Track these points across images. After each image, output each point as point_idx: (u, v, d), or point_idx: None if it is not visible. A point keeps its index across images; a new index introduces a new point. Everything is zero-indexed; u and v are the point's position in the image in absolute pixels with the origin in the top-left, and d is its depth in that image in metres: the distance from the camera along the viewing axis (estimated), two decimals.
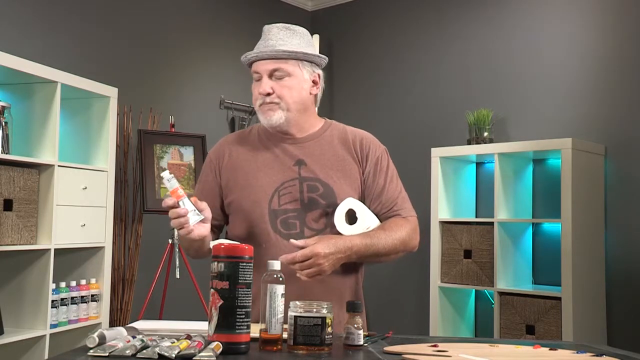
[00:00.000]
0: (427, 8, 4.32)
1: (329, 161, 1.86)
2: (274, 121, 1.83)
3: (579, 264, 3.20)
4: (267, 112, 1.83)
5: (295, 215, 1.81)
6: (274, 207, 1.82)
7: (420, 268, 4.01)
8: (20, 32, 3.24)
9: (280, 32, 1.83)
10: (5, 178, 2.68)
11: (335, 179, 1.84)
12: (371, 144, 1.92)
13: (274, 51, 1.80)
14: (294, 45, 1.82)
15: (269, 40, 1.82)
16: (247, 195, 1.85)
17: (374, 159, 1.89)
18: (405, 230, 1.84)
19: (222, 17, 4.33)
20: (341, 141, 1.91)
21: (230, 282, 1.32)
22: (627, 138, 3.45)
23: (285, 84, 1.82)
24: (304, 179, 1.83)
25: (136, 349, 1.27)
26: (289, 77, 1.82)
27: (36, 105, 2.91)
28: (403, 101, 4.37)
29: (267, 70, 1.81)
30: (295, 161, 1.86)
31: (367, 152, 1.90)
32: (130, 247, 3.64)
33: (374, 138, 1.97)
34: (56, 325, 2.87)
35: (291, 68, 1.82)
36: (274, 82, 1.82)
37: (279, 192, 1.83)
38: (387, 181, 1.89)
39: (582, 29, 3.65)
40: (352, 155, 1.89)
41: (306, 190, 1.82)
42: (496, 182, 3.45)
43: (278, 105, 1.82)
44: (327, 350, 1.36)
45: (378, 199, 1.87)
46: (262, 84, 1.82)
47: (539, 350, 1.46)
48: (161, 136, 3.67)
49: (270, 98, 1.81)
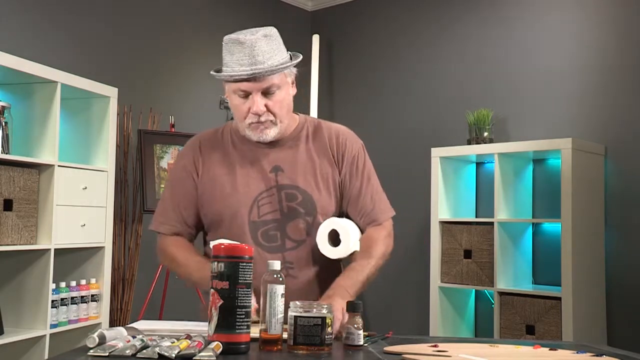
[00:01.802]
0: (427, 8, 4.32)
1: (305, 166, 1.81)
2: (269, 138, 1.77)
3: (579, 264, 3.20)
4: (261, 131, 1.75)
5: (275, 226, 1.77)
6: (253, 219, 1.77)
7: (420, 268, 4.01)
8: (20, 32, 3.24)
9: (263, 43, 1.69)
10: (5, 178, 2.68)
11: (313, 186, 1.79)
12: (347, 141, 1.86)
13: (268, 70, 1.68)
14: (275, 53, 1.72)
15: (257, 57, 1.68)
16: (226, 207, 1.78)
17: (350, 159, 1.84)
18: (384, 243, 1.82)
19: (222, 17, 4.33)
20: (317, 141, 1.84)
21: (230, 282, 1.32)
22: (627, 138, 3.45)
23: (277, 98, 1.74)
24: (282, 187, 1.78)
25: (136, 349, 1.27)
26: (278, 90, 1.74)
27: (36, 105, 2.91)
28: (403, 101, 4.37)
29: (259, 89, 1.71)
30: (272, 168, 1.80)
31: (344, 150, 1.84)
32: (130, 247, 3.64)
33: (350, 133, 1.90)
34: (56, 325, 2.87)
35: (279, 81, 1.73)
36: (266, 98, 1.72)
37: (258, 202, 1.78)
38: (363, 183, 1.84)
39: (582, 29, 3.65)
40: (327, 155, 1.83)
41: (285, 199, 1.78)
42: (496, 182, 3.45)
43: (272, 122, 1.74)
44: (327, 350, 1.36)
45: (355, 203, 1.84)
46: (256, 103, 1.71)
47: (539, 350, 1.46)
48: (161, 136, 3.67)
49: (265, 116, 1.73)
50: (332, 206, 1.83)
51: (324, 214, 1.80)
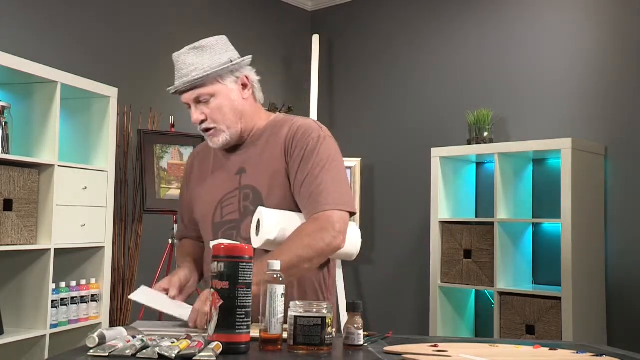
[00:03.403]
0: (427, 8, 4.32)
1: (264, 164, 1.81)
2: (221, 144, 1.84)
3: (579, 264, 3.20)
4: (211, 139, 1.84)
5: (233, 226, 1.82)
6: (216, 221, 1.85)
7: (420, 268, 4.01)
8: (20, 32, 3.24)
9: (188, 57, 1.79)
10: (5, 178, 2.68)
11: (263, 183, 1.79)
12: (301, 134, 1.79)
13: (188, 82, 1.77)
14: (205, 64, 1.77)
15: (181, 70, 1.79)
16: (198, 212, 1.93)
17: (299, 150, 1.77)
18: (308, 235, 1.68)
19: (222, 17, 4.33)
20: (276, 138, 1.83)
21: (230, 282, 1.32)
22: (627, 138, 3.45)
23: (213, 105, 1.79)
24: (243, 188, 1.83)
25: (136, 349, 1.27)
26: (214, 98, 1.79)
27: (36, 105, 2.91)
28: (403, 101, 4.37)
29: (191, 100, 1.80)
30: (237, 170, 1.86)
31: (296, 143, 1.78)
32: (130, 247, 3.63)
33: (309, 125, 1.82)
34: (56, 325, 2.87)
35: (212, 88, 1.78)
36: (203, 106, 1.80)
37: (222, 204, 1.85)
38: (310, 173, 1.74)
39: (582, 29, 3.65)
40: (281, 150, 1.80)
41: (242, 199, 1.82)
42: (496, 182, 3.45)
43: (216, 129, 1.81)
44: (327, 350, 1.36)
45: (298, 194, 1.76)
46: (192, 112, 1.81)
47: (539, 350, 1.46)
48: (161, 136, 3.67)
49: (206, 124, 1.81)
50: (289, 202, 1.78)
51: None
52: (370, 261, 4.36)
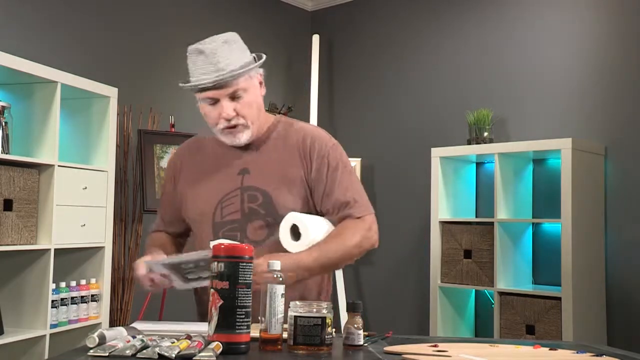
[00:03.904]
0: (427, 8, 4.32)
1: (272, 167, 1.83)
2: (244, 141, 1.83)
3: (579, 264, 3.20)
4: (234, 135, 1.81)
5: (236, 226, 1.80)
6: (216, 220, 1.83)
7: (420, 268, 4.01)
8: (20, 32, 3.24)
9: (223, 50, 1.75)
10: (5, 178, 2.68)
11: (275, 187, 1.80)
12: (316, 142, 1.86)
13: (230, 75, 1.73)
14: (237, 59, 1.77)
15: (219, 64, 1.74)
16: (194, 210, 1.88)
17: (319, 159, 1.84)
18: (359, 233, 1.81)
19: (222, 17, 4.33)
20: (286, 142, 1.87)
21: (230, 282, 1.32)
22: (627, 138, 3.45)
23: (244, 101, 1.78)
24: (245, 189, 1.82)
25: (136, 349, 1.27)
26: (245, 93, 1.78)
27: (36, 105, 2.90)
28: (403, 101, 4.37)
29: (226, 95, 1.76)
30: (240, 170, 1.85)
31: (313, 151, 1.84)
32: (130, 247, 3.63)
33: (321, 134, 1.90)
34: (56, 325, 2.87)
35: (245, 84, 1.78)
36: (234, 103, 1.78)
37: (222, 204, 1.83)
38: (336, 180, 1.83)
39: (582, 28, 3.65)
40: (295, 156, 1.84)
41: (247, 201, 1.81)
42: (496, 182, 3.45)
43: (243, 125, 1.80)
44: (327, 350, 1.36)
45: (329, 200, 1.82)
46: (225, 107, 1.76)
47: (539, 350, 1.46)
48: (161, 136, 3.67)
49: (235, 120, 1.79)
50: (298, 206, 1.81)
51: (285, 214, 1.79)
52: (370, 261, 4.36)
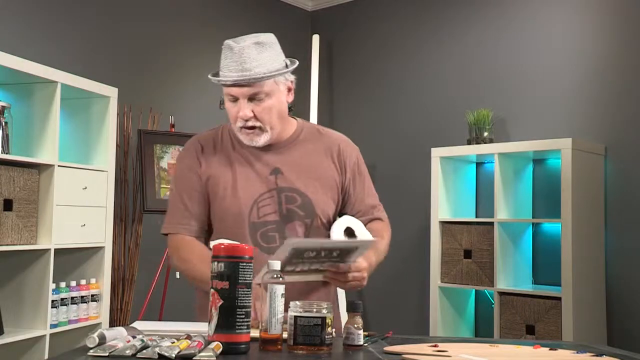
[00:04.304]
0: (427, 8, 4.32)
1: (305, 168, 1.84)
2: (259, 144, 1.81)
3: (579, 264, 3.20)
4: (250, 137, 1.79)
5: (274, 227, 1.79)
6: (253, 220, 1.79)
7: (420, 268, 4.01)
8: (20, 32, 3.24)
9: (252, 50, 1.72)
10: (5, 178, 2.68)
11: (312, 189, 1.82)
12: (347, 148, 1.93)
13: (252, 77, 1.71)
14: (267, 62, 1.73)
15: (244, 64, 1.71)
16: (227, 207, 1.81)
17: (352, 165, 1.92)
18: (388, 233, 1.95)
19: (222, 17, 4.33)
20: (318, 147, 1.89)
21: (230, 282, 1.32)
22: (627, 138, 3.45)
23: (265, 105, 1.76)
24: (282, 190, 1.81)
25: (136, 349, 1.27)
26: (268, 97, 1.75)
27: (36, 105, 2.91)
28: (403, 101, 4.37)
29: (245, 95, 1.74)
30: (272, 170, 1.83)
31: (345, 157, 1.91)
32: (130, 247, 3.63)
33: (347, 139, 1.97)
34: (56, 325, 2.87)
35: (268, 88, 1.75)
36: (253, 104, 1.75)
37: (258, 203, 1.80)
38: (365, 185, 1.94)
39: (582, 29, 3.65)
40: (328, 160, 1.88)
41: (284, 202, 1.80)
42: (496, 182, 3.45)
43: (260, 128, 1.77)
44: (327, 350, 1.36)
45: (360, 204, 1.92)
46: (242, 108, 1.75)
47: (539, 350, 1.46)
48: (161, 136, 3.67)
49: (252, 122, 1.76)
50: (332, 208, 1.87)
51: (323, 216, 1.84)
52: None
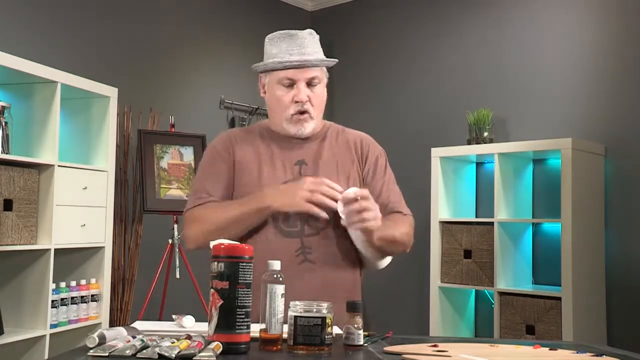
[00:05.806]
0: (427, 8, 4.32)
1: (328, 162, 1.89)
2: (307, 133, 1.87)
3: (579, 264, 3.20)
4: (300, 124, 1.85)
5: (296, 216, 1.81)
6: None
7: (420, 268, 4.01)
8: (20, 32, 3.24)
9: (310, 40, 1.87)
10: (5, 178, 2.68)
11: (335, 180, 1.84)
12: (370, 145, 1.98)
13: (316, 60, 1.83)
14: (319, 50, 1.88)
15: (306, 48, 1.84)
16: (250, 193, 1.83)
17: (373, 159, 1.95)
18: (410, 225, 1.95)
19: (222, 17, 4.33)
20: (341, 142, 1.95)
21: (230, 282, 1.32)
22: (627, 138, 3.45)
23: (318, 91, 1.86)
24: None
25: (136, 349, 1.27)
26: (320, 85, 1.87)
27: (36, 105, 2.91)
28: (403, 101, 4.37)
29: (305, 78, 1.84)
30: (296, 161, 1.88)
31: (367, 152, 1.95)
32: (130, 247, 3.63)
33: (372, 139, 2.02)
34: (56, 325, 2.87)
35: (321, 75, 1.87)
36: (308, 89, 1.85)
37: None
38: (385, 181, 1.96)
39: (582, 28, 3.65)
40: (350, 155, 1.93)
41: None
42: (496, 182, 3.45)
43: (310, 115, 1.85)
44: (327, 350, 1.36)
45: (379, 197, 1.90)
46: (301, 91, 1.83)
47: (539, 350, 1.46)
48: (161, 136, 3.67)
49: (307, 106, 1.84)
50: None
51: None
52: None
